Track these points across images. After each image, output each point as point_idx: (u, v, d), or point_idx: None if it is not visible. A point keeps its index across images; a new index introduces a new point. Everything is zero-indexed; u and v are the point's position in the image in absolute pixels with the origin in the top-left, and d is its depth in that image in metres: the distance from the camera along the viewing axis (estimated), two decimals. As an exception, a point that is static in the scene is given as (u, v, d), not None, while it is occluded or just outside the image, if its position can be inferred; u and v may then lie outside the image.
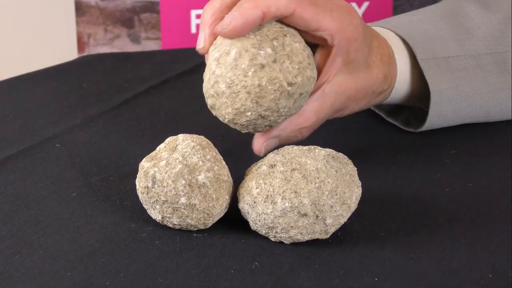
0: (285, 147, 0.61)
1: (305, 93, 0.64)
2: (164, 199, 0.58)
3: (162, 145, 0.61)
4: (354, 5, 1.49)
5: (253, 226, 0.60)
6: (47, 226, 0.61)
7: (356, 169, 0.60)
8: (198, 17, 1.54)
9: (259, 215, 0.58)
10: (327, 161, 0.59)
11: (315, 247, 0.59)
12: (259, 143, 0.67)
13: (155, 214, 0.60)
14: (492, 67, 0.74)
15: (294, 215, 0.58)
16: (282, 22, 0.65)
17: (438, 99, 0.72)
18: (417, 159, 0.72)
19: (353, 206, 0.59)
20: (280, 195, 0.58)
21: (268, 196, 0.58)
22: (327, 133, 0.76)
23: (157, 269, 0.56)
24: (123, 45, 1.62)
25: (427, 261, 0.57)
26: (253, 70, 0.62)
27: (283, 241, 0.59)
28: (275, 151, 0.61)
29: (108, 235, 0.60)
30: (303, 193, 0.57)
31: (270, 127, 0.65)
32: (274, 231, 0.59)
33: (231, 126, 0.65)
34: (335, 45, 0.65)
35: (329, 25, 0.65)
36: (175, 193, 0.58)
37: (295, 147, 0.61)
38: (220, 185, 0.59)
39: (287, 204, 0.57)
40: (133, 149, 0.73)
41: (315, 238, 0.59)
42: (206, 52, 0.65)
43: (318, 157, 0.59)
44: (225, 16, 0.63)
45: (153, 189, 0.59)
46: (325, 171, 0.58)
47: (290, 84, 0.62)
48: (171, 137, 0.62)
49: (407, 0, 1.52)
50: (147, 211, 0.61)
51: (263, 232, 0.59)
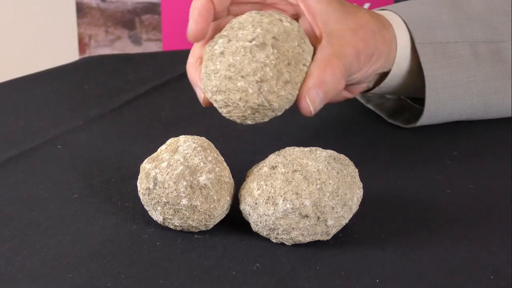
0: (286, 148, 0.61)
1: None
2: (165, 201, 0.58)
3: (163, 147, 0.61)
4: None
5: (255, 227, 0.60)
6: (48, 227, 0.61)
7: (357, 170, 0.60)
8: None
9: (261, 217, 0.58)
10: (328, 163, 0.59)
11: (316, 249, 0.59)
12: (301, 98, 0.64)
13: (157, 215, 0.60)
14: (486, 56, 0.74)
15: (295, 217, 0.58)
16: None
17: (433, 85, 0.72)
18: (418, 160, 0.72)
19: (355, 207, 0.59)
20: (281, 196, 0.58)
21: (269, 197, 0.58)
22: (328, 134, 0.76)
23: (158, 270, 0.56)
24: (124, 46, 1.62)
25: (428, 262, 0.57)
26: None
27: (284, 242, 0.59)
28: (277, 152, 0.61)
29: (109, 237, 0.60)
30: (304, 194, 0.57)
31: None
32: (275, 233, 0.59)
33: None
34: None
35: None
36: (176, 194, 0.58)
37: (296, 149, 0.61)
38: (221, 186, 0.59)
39: (288, 205, 0.57)
40: (134, 151, 0.73)
41: (317, 239, 0.59)
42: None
43: (319, 159, 0.59)
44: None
45: (155, 191, 0.59)
46: (326, 172, 0.58)
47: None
48: (172, 138, 0.62)
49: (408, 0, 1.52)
50: (149, 212, 0.61)
51: (264, 233, 0.59)
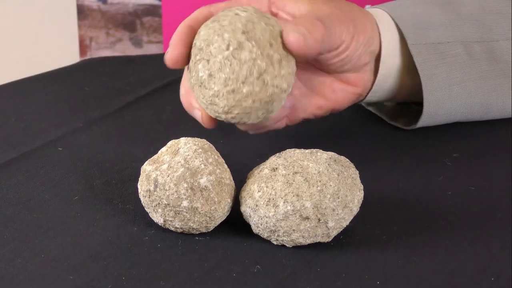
0: (287, 150, 0.61)
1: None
2: (166, 203, 0.58)
3: (164, 149, 0.61)
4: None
5: (255, 229, 0.60)
6: (49, 229, 0.61)
7: (358, 172, 0.60)
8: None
9: (261, 218, 0.58)
10: (329, 164, 0.59)
11: (317, 250, 0.59)
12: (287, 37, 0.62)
13: (157, 217, 0.60)
14: (481, 55, 0.74)
15: (296, 219, 0.58)
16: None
17: (430, 84, 0.72)
18: (419, 162, 0.72)
19: (355, 209, 0.59)
20: (282, 198, 0.58)
21: (270, 199, 0.58)
22: (329, 136, 0.76)
23: (159, 272, 0.56)
24: (125, 48, 1.62)
25: (429, 264, 0.57)
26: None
27: (285, 244, 0.59)
28: (277, 154, 0.61)
29: (110, 239, 0.60)
30: (305, 196, 0.57)
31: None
32: (276, 235, 0.59)
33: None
34: None
35: None
36: (177, 196, 0.58)
37: (297, 151, 0.61)
38: (222, 188, 0.59)
39: (289, 207, 0.57)
40: (135, 152, 0.73)
41: (317, 241, 0.59)
42: None
43: (320, 161, 0.59)
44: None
45: (155, 193, 0.59)
46: (327, 174, 0.58)
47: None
48: (173, 140, 0.62)
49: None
50: (149, 214, 0.61)
51: (265, 235, 0.59)
